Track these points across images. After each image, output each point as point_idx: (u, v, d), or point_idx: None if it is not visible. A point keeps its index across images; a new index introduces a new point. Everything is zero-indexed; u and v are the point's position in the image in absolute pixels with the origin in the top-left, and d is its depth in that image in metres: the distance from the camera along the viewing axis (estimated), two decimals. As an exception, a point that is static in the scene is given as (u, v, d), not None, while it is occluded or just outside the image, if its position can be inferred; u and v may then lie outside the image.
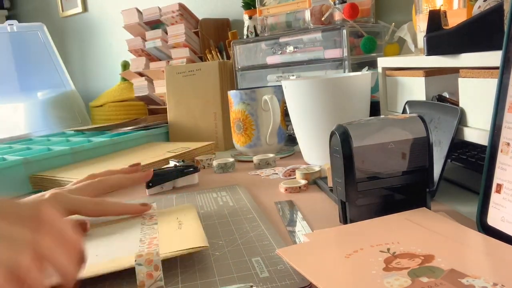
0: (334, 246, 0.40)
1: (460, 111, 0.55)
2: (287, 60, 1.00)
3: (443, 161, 0.54)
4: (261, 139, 0.89)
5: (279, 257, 0.41)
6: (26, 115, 1.54)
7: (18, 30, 1.67)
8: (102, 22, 1.98)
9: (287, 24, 1.02)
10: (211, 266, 0.41)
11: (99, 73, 2.07)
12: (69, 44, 2.18)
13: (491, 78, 0.50)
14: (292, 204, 0.58)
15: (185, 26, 1.27)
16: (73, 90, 1.69)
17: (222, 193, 0.66)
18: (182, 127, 1.10)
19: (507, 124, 0.41)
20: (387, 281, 0.32)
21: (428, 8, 0.69)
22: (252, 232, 0.49)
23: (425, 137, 0.46)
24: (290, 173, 0.73)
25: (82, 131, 1.17)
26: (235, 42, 1.08)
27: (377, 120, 0.48)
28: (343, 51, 0.90)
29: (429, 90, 0.65)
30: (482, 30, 0.53)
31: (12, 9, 2.52)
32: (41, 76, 1.66)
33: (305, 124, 0.77)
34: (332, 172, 0.48)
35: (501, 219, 0.40)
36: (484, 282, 0.30)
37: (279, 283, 0.37)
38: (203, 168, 0.85)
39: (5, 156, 0.84)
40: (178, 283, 0.39)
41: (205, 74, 1.06)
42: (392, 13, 1.07)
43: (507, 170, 0.40)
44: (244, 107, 0.88)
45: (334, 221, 0.51)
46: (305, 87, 0.74)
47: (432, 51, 0.59)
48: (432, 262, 0.34)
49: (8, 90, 1.60)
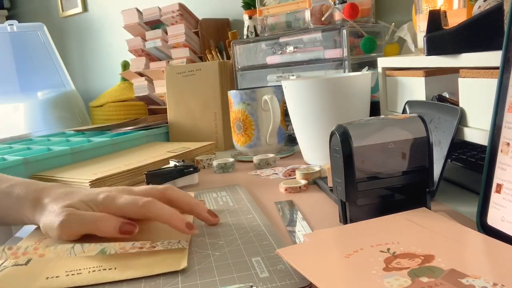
0: (334, 246, 0.40)
1: (460, 111, 0.55)
2: (287, 60, 1.00)
3: (443, 161, 0.54)
4: (261, 139, 0.89)
5: (279, 257, 0.41)
6: (26, 115, 1.53)
7: (18, 30, 1.67)
8: (102, 22, 1.98)
9: (287, 24, 1.02)
10: (211, 266, 0.41)
11: (99, 73, 2.07)
12: (69, 44, 2.18)
13: (491, 78, 0.50)
14: (292, 204, 0.58)
15: (185, 26, 1.27)
16: (73, 90, 1.69)
17: (222, 193, 0.66)
18: (182, 127, 1.10)
19: (507, 124, 0.41)
20: (387, 281, 0.32)
21: (428, 8, 0.69)
22: (252, 232, 0.49)
23: (425, 137, 0.46)
24: (290, 173, 0.73)
25: (82, 131, 1.17)
26: (235, 42, 1.08)
27: (377, 120, 0.48)
28: (343, 51, 0.90)
29: (429, 90, 0.65)
30: (482, 30, 0.53)
31: (12, 9, 2.52)
32: (41, 76, 1.66)
33: (305, 124, 0.77)
34: (332, 172, 0.48)
35: (501, 219, 0.40)
36: (484, 282, 0.30)
37: (279, 283, 0.37)
38: (203, 168, 0.85)
39: (5, 156, 0.84)
40: (178, 283, 0.38)
41: (205, 74, 1.06)
42: (392, 13, 1.07)
43: (507, 170, 0.40)
44: (244, 107, 0.88)
45: (334, 221, 0.51)
46: (305, 87, 0.74)
47: (432, 51, 0.59)
48: (432, 262, 0.34)
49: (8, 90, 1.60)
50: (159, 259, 0.43)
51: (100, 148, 0.94)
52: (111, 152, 0.96)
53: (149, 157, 0.85)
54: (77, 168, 0.81)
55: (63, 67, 1.71)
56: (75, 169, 0.81)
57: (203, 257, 0.43)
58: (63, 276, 0.41)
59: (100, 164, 0.83)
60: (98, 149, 0.93)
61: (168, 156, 0.84)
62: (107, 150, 0.95)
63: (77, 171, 0.79)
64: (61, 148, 0.89)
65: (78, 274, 0.41)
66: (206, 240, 0.48)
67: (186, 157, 0.88)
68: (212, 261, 0.42)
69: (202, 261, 0.42)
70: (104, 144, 0.95)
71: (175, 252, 0.44)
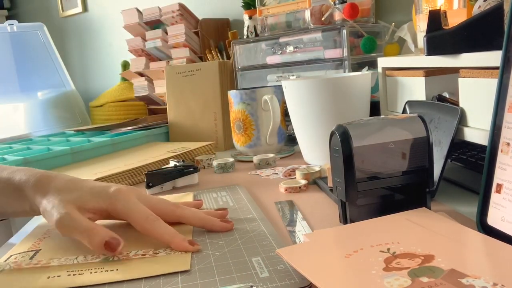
0: (334, 246, 0.40)
1: (460, 111, 0.55)
2: (287, 60, 1.00)
3: (443, 161, 0.54)
4: (261, 139, 0.89)
5: (279, 257, 0.41)
6: (26, 115, 1.54)
7: (18, 30, 1.67)
8: (102, 22, 1.98)
9: (287, 24, 1.02)
10: (211, 266, 0.41)
11: (99, 73, 2.07)
12: (69, 44, 2.18)
13: (491, 78, 0.50)
14: (292, 204, 0.58)
15: (185, 26, 1.27)
16: (73, 90, 1.69)
17: (222, 193, 0.66)
18: (182, 127, 1.10)
19: (507, 124, 0.41)
20: (387, 281, 0.32)
21: (428, 8, 0.69)
22: (252, 232, 0.48)
23: (425, 137, 0.46)
24: (290, 173, 0.73)
25: (82, 131, 1.17)
26: (235, 42, 1.08)
27: (377, 120, 0.48)
28: (343, 51, 0.90)
29: (429, 90, 0.65)
30: (482, 30, 0.53)
31: (12, 9, 2.52)
32: (41, 76, 1.66)
33: (305, 124, 0.77)
34: (332, 172, 0.48)
35: (501, 219, 0.40)
36: (484, 282, 0.30)
37: (279, 283, 0.37)
38: (203, 168, 0.85)
39: (5, 156, 0.84)
40: (178, 283, 0.38)
41: (205, 74, 1.06)
42: (392, 13, 1.07)
43: (507, 170, 0.40)
44: (244, 107, 0.88)
45: (334, 221, 0.51)
46: (305, 87, 0.74)
47: (432, 51, 0.59)
48: (432, 262, 0.34)
49: (8, 90, 1.60)
50: (161, 260, 0.43)
51: (100, 148, 0.94)
52: (111, 152, 0.96)
53: (149, 157, 0.85)
54: (77, 168, 0.81)
55: (63, 67, 1.71)
56: (75, 169, 0.81)
57: (203, 257, 0.43)
58: (64, 276, 0.41)
59: (100, 164, 0.83)
60: (98, 149, 0.93)
61: (168, 156, 0.84)
62: (107, 150, 0.95)
63: (77, 171, 0.79)
64: (61, 148, 0.89)
65: (80, 274, 0.41)
66: (206, 240, 0.48)
67: (186, 157, 0.88)
68: (212, 261, 0.42)
69: (202, 261, 0.42)
70: (104, 144, 0.95)
71: (177, 254, 0.44)
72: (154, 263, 0.42)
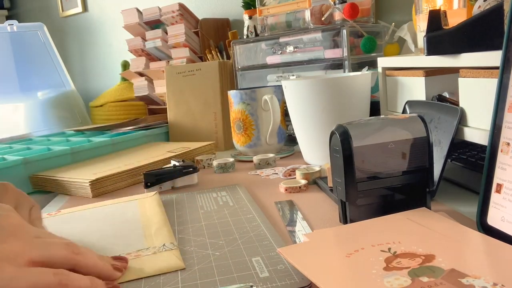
0: (334, 245, 0.40)
1: (460, 111, 0.55)
2: (287, 60, 1.00)
3: (443, 161, 0.54)
4: (261, 139, 0.89)
5: (279, 257, 0.41)
6: (26, 115, 1.53)
7: (18, 30, 1.66)
8: (102, 22, 1.98)
9: (287, 24, 1.02)
10: (211, 266, 0.41)
11: (99, 73, 2.07)
12: (69, 44, 2.18)
13: (491, 78, 0.50)
14: (292, 204, 0.58)
15: (185, 26, 1.27)
16: (73, 90, 1.69)
17: (222, 193, 0.66)
18: (182, 127, 1.10)
19: (507, 124, 0.41)
20: (387, 281, 0.32)
21: (428, 8, 0.69)
22: (252, 232, 0.49)
23: (425, 137, 0.46)
24: (290, 173, 0.73)
25: (82, 131, 1.17)
26: (235, 42, 1.08)
27: (377, 120, 0.48)
28: (343, 51, 0.90)
29: (429, 90, 0.65)
30: (482, 30, 0.53)
31: (12, 9, 2.52)
32: (41, 76, 1.66)
33: (305, 124, 0.77)
34: (332, 172, 0.48)
35: (501, 219, 0.40)
36: (484, 282, 0.30)
37: (279, 283, 0.37)
38: (203, 168, 0.85)
39: (5, 156, 0.84)
40: (178, 283, 0.38)
41: (205, 74, 1.06)
42: (392, 13, 1.07)
43: (507, 170, 0.40)
44: (244, 107, 0.88)
45: (334, 221, 0.51)
46: (305, 87, 0.74)
47: (432, 51, 0.59)
48: (433, 261, 0.34)
49: (8, 90, 1.60)
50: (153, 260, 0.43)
51: (100, 148, 0.94)
52: (111, 152, 0.96)
53: (149, 157, 0.85)
54: (77, 168, 0.81)
55: (63, 67, 1.71)
56: (75, 169, 0.81)
57: (203, 257, 0.43)
58: None
59: (100, 164, 0.83)
60: (98, 149, 0.93)
61: (168, 156, 0.84)
62: (107, 150, 0.95)
63: (77, 171, 0.79)
64: (61, 148, 0.89)
65: None
66: (206, 240, 0.48)
67: (186, 157, 0.88)
68: (212, 261, 0.42)
69: (202, 261, 0.42)
70: (104, 144, 0.95)
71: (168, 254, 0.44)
72: (148, 265, 0.42)
